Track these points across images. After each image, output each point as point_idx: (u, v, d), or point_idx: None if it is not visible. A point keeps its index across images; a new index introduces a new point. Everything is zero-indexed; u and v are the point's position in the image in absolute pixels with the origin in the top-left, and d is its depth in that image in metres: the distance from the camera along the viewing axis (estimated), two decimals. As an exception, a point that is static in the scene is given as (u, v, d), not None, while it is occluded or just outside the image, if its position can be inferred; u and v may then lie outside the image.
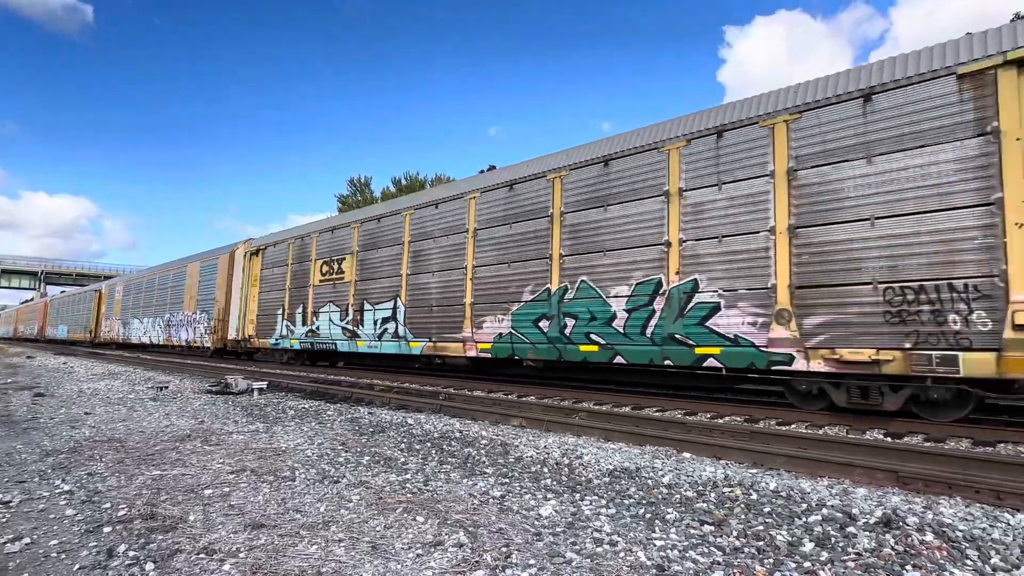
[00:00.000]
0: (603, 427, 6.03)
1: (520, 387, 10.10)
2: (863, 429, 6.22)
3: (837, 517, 3.23)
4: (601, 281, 8.43)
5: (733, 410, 7.34)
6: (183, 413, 7.11)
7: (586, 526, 3.12)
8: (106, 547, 2.71)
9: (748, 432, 5.64)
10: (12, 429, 5.81)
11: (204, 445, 5.09)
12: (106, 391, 9.54)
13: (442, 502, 3.52)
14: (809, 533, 3.00)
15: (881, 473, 4.13)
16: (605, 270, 8.42)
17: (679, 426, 6.15)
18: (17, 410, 7.13)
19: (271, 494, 3.62)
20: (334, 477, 4.07)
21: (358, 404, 8.46)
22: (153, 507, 3.29)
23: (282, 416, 7.03)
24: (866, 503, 3.49)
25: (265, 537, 2.87)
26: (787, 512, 3.33)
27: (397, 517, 3.21)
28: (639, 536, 2.97)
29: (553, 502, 3.55)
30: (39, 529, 2.97)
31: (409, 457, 4.81)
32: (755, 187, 7.04)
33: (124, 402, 8.12)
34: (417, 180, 41.96)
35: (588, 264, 8.65)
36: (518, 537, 2.92)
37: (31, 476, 3.99)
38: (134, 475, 4.02)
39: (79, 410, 7.23)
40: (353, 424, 6.45)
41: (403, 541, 2.85)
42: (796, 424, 6.58)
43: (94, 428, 5.91)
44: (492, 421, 6.86)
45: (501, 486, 3.92)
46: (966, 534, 2.95)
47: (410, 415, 7.16)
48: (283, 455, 4.75)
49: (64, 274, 77.53)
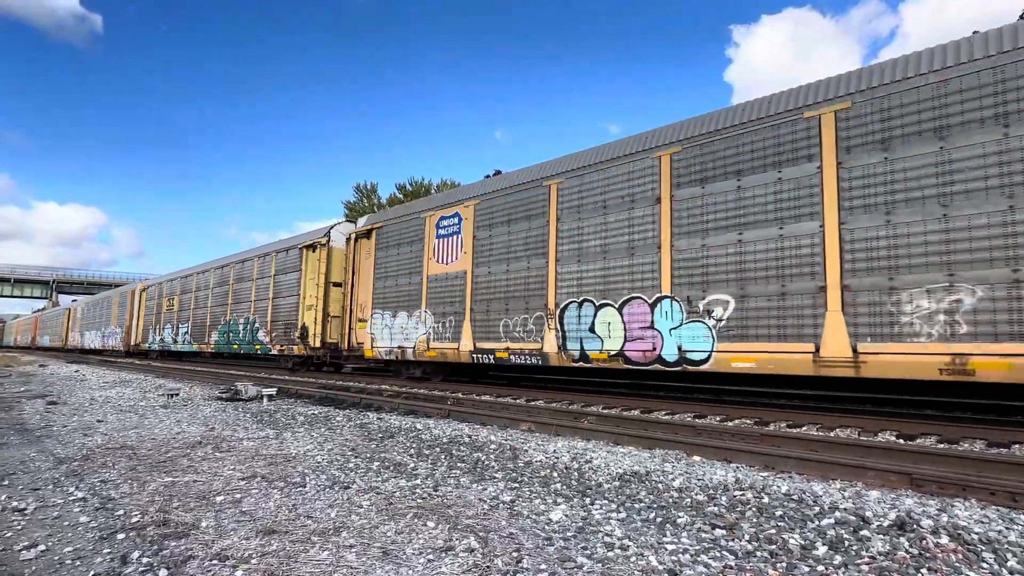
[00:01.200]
0: (612, 431, 6.01)
1: (528, 391, 10.09)
2: (875, 431, 6.17)
3: (850, 520, 3.20)
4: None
5: (743, 413, 7.30)
6: (194, 420, 7.15)
7: (597, 531, 3.11)
8: (120, 554, 2.73)
9: (758, 435, 5.60)
10: (26, 437, 5.87)
11: (215, 451, 5.12)
12: (117, 399, 9.62)
13: (452, 507, 3.52)
14: (822, 536, 2.98)
15: (894, 475, 4.10)
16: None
17: (689, 429, 6.12)
18: (31, 418, 7.20)
19: (282, 500, 3.63)
20: (344, 483, 4.08)
21: (367, 410, 8.48)
22: (166, 514, 3.31)
23: (292, 422, 7.06)
24: (879, 506, 3.46)
25: (277, 543, 2.88)
26: (799, 515, 3.31)
27: (407, 523, 3.21)
28: (650, 540, 2.95)
29: (563, 506, 3.55)
30: (54, 536, 2.99)
31: (419, 462, 4.81)
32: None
33: (135, 409, 8.18)
34: (423, 186, 42.09)
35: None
36: (529, 542, 2.92)
37: (45, 483, 4.03)
38: (146, 482, 4.05)
39: (91, 418, 7.29)
40: (362, 430, 6.46)
41: (414, 547, 2.86)
42: (807, 427, 6.54)
43: (106, 435, 5.96)
44: (501, 425, 6.86)
45: (511, 491, 3.92)
46: (982, 536, 2.92)
47: (419, 420, 7.17)
48: (293, 461, 4.76)
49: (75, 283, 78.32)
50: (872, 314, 6.15)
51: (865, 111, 6.46)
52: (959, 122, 5.83)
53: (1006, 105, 5.59)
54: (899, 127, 6.19)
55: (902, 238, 6.03)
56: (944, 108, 5.94)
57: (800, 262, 6.74)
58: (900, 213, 6.07)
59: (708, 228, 7.59)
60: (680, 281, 7.76)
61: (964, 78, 5.85)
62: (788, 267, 6.83)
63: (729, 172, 7.48)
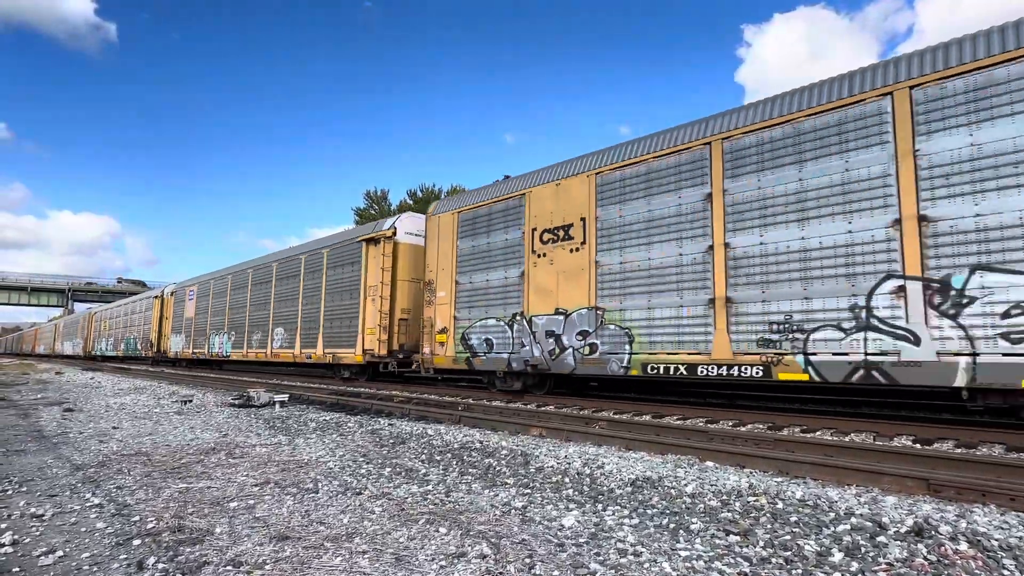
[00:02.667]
0: (624, 436, 5.98)
1: (537, 397, 10.07)
2: (890, 435, 6.09)
3: (866, 526, 3.16)
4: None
5: (756, 417, 7.24)
6: (207, 426, 7.21)
7: (609, 537, 3.09)
8: (136, 560, 2.76)
9: (772, 440, 5.55)
10: (43, 444, 5.94)
11: (228, 458, 5.16)
12: (132, 405, 9.72)
13: (464, 513, 3.52)
14: (838, 543, 2.94)
15: (911, 481, 4.04)
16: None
17: (701, 434, 6.08)
18: (48, 425, 7.30)
19: (295, 506, 3.65)
20: (356, 489, 4.09)
21: (378, 416, 8.51)
22: (181, 520, 3.34)
23: (304, 428, 7.09)
24: (896, 512, 3.41)
25: (290, 549, 2.90)
26: (815, 521, 3.27)
27: (420, 528, 3.22)
28: (663, 547, 2.93)
29: (575, 512, 3.53)
30: (71, 542, 3.03)
31: (430, 468, 4.82)
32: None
33: (150, 416, 8.26)
34: (433, 192, 42.30)
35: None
36: (541, 548, 2.91)
37: (62, 490, 4.08)
38: (161, 488, 4.08)
39: (107, 424, 7.38)
40: (374, 436, 6.48)
41: (426, 552, 2.86)
42: (821, 431, 6.47)
43: (122, 442, 6.03)
44: (512, 431, 6.85)
45: (523, 497, 3.91)
46: (1002, 543, 2.87)
47: (430, 426, 7.18)
48: (306, 467, 4.79)
49: (90, 291, 79.33)
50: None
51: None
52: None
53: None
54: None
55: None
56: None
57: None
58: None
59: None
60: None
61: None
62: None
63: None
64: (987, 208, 5.53)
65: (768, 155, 7.14)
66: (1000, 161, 5.50)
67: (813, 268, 6.59)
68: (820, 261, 6.55)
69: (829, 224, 6.52)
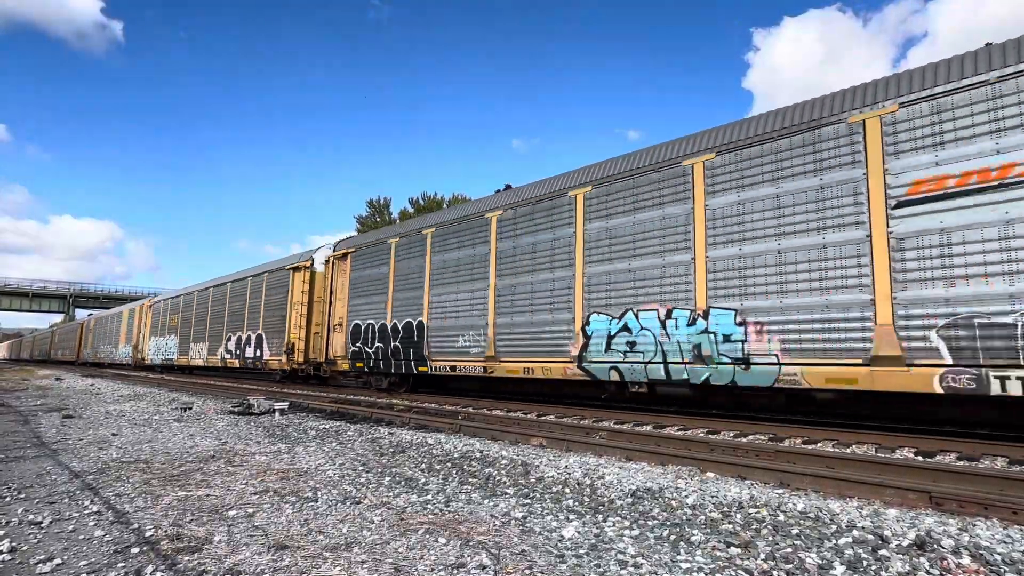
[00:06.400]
0: (624, 446, 5.96)
1: (538, 406, 10.04)
2: (892, 448, 6.06)
3: (868, 539, 3.14)
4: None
5: (757, 428, 7.21)
6: (206, 434, 7.19)
7: (610, 548, 3.08)
8: (134, 568, 2.75)
9: (773, 451, 5.53)
10: (42, 450, 5.93)
11: (228, 466, 5.14)
12: (132, 412, 9.70)
13: (464, 523, 3.50)
14: (840, 556, 2.93)
15: (913, 493, 4.02)
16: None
17: (702, 445, 6.05)
18: (47, 431, 7.28)
19: (294, 515, 3.64)
20: (356, 498, 4.07)
21: (378, 424, 8.48)
22: (179, 528, 3.33)
23: (303, 436, 7.08)
24: (898, 524, 3.40)
25: (289, 558, 2.88)
26: (816, 534, 3.26)
27: (419, 538, 3.20)
28: (664, 558, 2.92)
29: (575, 523, 3.52)
30: (69, 550, 3.01)
31: (430, 477, 4.80)
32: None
33: (149, 423, 8.24)
34: (435, 200, 42.38)
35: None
36: (541, 559, 2.89)
37: (61, 497, 4.06)
38: (160, 496, 4.07)
39: (106, 431, 7.36)
40: (373, 444, 6.46)
41: (425, 563, 2.84)
42: (822, 443, 6.44)
43: (121, 449, 6.01)
44: (511, 441, 6.83)
45: (522, 507, 3.89)
46: (1005, 557, 2.85)
47: (430, 435, 7.16)
48: (305, 476, 4.77)
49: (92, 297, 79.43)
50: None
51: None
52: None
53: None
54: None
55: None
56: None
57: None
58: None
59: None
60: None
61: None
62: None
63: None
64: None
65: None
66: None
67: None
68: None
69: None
